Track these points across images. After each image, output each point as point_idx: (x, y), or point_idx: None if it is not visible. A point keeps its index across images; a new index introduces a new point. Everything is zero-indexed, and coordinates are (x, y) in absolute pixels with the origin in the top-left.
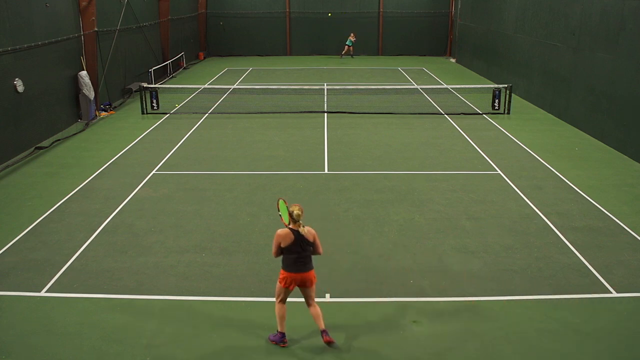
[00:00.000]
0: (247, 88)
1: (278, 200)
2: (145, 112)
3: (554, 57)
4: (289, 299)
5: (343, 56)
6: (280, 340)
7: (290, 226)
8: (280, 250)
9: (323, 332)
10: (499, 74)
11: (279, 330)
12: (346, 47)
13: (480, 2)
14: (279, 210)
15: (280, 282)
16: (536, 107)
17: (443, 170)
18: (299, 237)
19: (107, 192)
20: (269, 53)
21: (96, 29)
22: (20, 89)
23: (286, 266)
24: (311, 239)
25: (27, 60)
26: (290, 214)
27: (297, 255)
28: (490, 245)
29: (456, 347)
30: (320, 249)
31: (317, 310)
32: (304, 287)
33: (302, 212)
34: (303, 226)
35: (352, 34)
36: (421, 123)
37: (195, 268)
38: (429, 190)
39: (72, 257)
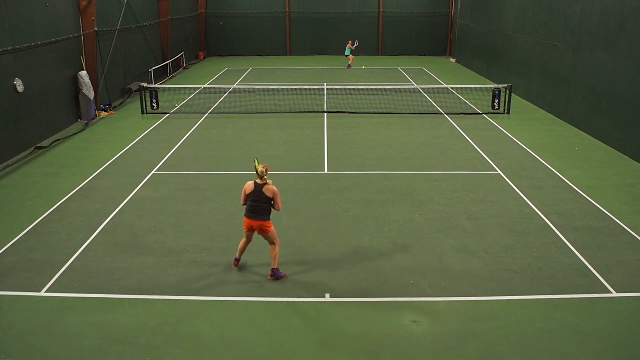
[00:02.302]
0: (247, 88)
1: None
2: (145, 112)
3: (554, 57)
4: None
5: (350, 67)
6: (234, 261)
7: (257, 180)
8: (246, 199)
9: (272, 270)
10: (499, 74)
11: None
12: (350, 57)
13: (480, 2)
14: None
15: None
16: (536, 107)
17: (443, 170)
18: (257, 188)
19: (107, 192)
20: (269, 53)
21: (96, 29)
22: (20, 89)
23: (245, 211)
24: (270, 195)
25: (27, 60)
26: (256, 170)
27: (253, 203)
28: (490, 245)
29: (456, 347)
30: (279, 206)
31: (274, 251)
32: (261, 234)
33: (266, 169)
34: (267, 182)
35: (349, 42)
36: (421, 123)
37: (195, 268)
38: (429, 190)
39: (72, 257)
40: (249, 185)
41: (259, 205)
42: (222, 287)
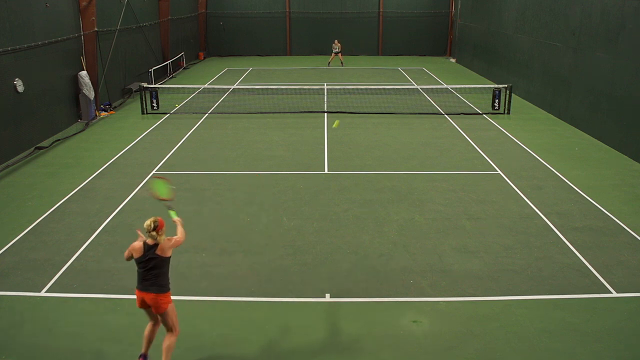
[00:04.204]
0: (247, 88)
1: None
2: (145, 112)
3: (554, 57)
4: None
5: (330, 64)
6: (139, 358)
7: (147, 240)
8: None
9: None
10: (499, 74)
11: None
12: (334, 54)
13: (480, 2)
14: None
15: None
16: (536, 107)
17: (443, 170)
18: (148, 251)
19: (107, 192)
20: (269, 53)
21: (96, 29)
22: (20, 89)
23: (137, 280)
24: (167, 255)
25: (27, 60)
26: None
27: (142, 270)
28: (490, 245)
29: (456, 347)
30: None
31: (169, 341)
32: (155, 313)
33: (157, 225)
34: (159, 242)
35: (335, 41)
36: (421, 123)
37: (195, 268)
38: (429, 190)
39: (72, 257)
40: (136, 247)
41: (152, 272)
42: (222, 287)
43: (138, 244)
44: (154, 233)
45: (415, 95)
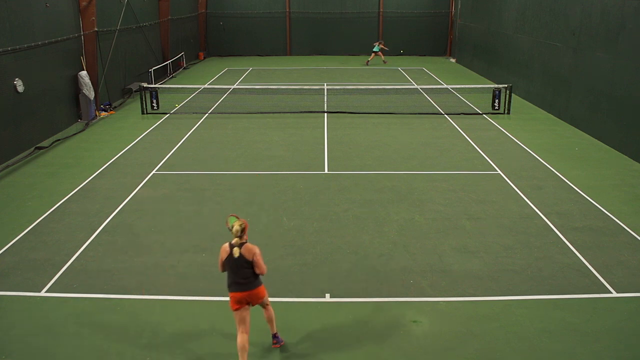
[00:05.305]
0: (247, 88)
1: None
2: (145, 112)
3: (554, 57)
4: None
5: (369, 63)
6: None
7: (232, 241)
8: (224, 266)
9: (275, 336)
10: (499, 74)
11: None
12: (373, 54)
13: (480, 2)
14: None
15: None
16: (536, 107)
17: (443, 170)
18: (234, 250)
19: (107, 192)
20: (269, 53)
21: (96, 29)
22: (20, 89)
23: (228, 284)
24: (249, 257)
25: (27, 60)
26: (229, 229)
27: (232, 271)
28: (490, 245)
29: (456, 347)
30: (262, 268)
31: (271, 312)
32: (256, 304)
33: (244, 227)
34: (245, 242)
35: (380, 42)
36: (421, 123)
37: (195, 268)
38: (429, 190)
39: (72, 257)
40: (224, 249)
41: (241, 272)
42: (221, 287)
43: (225, 246)
44: (242, 235)
45: (415, 95)
